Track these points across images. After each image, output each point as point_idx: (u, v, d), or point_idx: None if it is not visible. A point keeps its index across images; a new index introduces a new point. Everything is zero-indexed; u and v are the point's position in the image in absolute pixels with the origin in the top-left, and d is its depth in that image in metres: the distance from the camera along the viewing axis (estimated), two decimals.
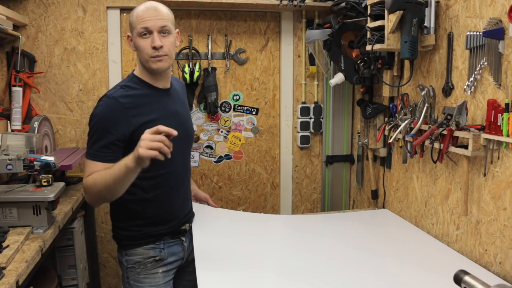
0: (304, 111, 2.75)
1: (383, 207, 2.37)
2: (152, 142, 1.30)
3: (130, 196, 1.57)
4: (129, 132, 1.51)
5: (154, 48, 1.51)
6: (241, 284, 1.44)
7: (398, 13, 1.72)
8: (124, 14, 2.53)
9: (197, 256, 1.59)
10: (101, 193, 1.46)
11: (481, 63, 1.55)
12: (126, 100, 1.52)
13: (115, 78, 2.50)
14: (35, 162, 1.70)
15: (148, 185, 1.61)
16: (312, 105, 2.76)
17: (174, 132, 1.32)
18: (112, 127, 1.49)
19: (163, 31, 1.53)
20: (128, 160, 1.36)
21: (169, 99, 1.66)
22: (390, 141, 1.98)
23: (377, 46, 1.88)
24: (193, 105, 2.67)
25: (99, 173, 1.46)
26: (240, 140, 2.78)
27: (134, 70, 1.65)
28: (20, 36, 2.31)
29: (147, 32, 1.51)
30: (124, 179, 1.40)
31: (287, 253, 1.72)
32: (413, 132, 1.79)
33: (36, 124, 2.16)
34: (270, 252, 1.72)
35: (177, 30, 1.64)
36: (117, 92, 1.55)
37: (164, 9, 1.55)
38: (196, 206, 1.92)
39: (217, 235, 1.78)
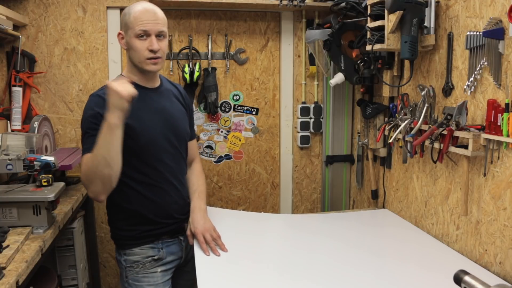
0: (304, 111, 2.75)
1: (383, 207, 2.37)
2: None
3: (123, 196, 1.60)
4: None
5: (152, 51, 1.55)
6: (240, 283, 1.44)
7: (398, 13, 1.72)
8: None
9: (197, 255, 1.59)
10: (98, 169, 1.41)
11: (481, 63, 1.55)
12: None
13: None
14: (35, 162, 1.70)
15: (137, 184, 1.62)
16: (312, 105, 2.76)
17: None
18: (101, 120, 1.47)
19: (160, 35, 1.58)
20: (106, 121, 1.39)
21: (156, 96, 1.67)
22: (390, 141, 1.98)
23: (377, 46, 1.88)
24: (193, 105, 2.67)
25: (90, 154, 1.44)
26: (240, 140, 2.78)
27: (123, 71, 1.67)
28: (20, 36, 2.31)
29: (145, 34, 1.55)
30: (111, 138, 1.40)
31: (287, 252, 1.72)
32: (413, 132, 1.79)
33: (36, 124, 2.16)
34: (270, 251, 1.72)
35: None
36: (102, 90, 1.57)
37: (161, 13, 1.60)
38: None
39: None
